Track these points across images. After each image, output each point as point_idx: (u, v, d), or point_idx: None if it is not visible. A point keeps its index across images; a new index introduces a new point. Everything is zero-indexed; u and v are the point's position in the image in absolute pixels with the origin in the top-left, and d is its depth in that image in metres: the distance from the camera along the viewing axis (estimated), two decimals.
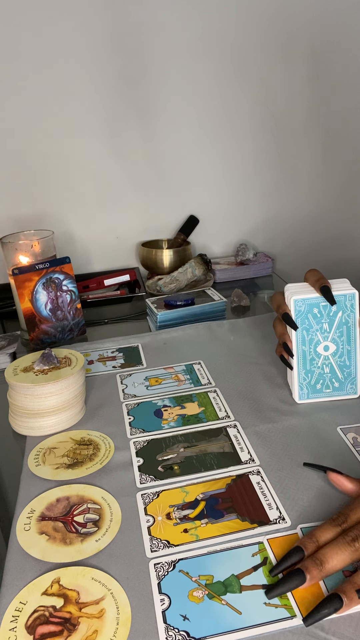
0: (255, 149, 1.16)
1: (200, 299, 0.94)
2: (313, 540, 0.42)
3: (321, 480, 0.51)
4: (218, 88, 1.09)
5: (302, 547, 0.41)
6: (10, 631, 0.38)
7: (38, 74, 1.00)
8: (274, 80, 1.11)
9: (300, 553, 0.41)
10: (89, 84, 1.03)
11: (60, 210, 1.11)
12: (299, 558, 0.41)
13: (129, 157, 1.10)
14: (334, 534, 0.42)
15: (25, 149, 1.05)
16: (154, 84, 1.06)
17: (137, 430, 0.62)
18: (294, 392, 0.64)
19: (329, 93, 1.14)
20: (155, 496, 0.51)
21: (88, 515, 0.49)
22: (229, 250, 1.24)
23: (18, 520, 0.49)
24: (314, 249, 1.27)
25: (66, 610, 0.40)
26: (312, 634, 0.37)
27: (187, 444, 0.58)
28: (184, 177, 1.15)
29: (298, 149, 1.18)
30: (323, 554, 0.40)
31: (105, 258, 1.17)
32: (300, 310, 0.61)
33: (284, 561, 0.41)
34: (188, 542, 0.45)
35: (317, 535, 0.42)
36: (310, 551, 0.41)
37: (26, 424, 0.62)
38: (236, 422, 0.62)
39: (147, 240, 1.17)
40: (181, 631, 0.38)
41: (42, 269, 0.82)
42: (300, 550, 0.41)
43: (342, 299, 0.60)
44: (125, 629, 0.38)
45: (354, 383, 0.63)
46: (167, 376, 0.73)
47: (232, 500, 0.49)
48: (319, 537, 0.42)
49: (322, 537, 0.42)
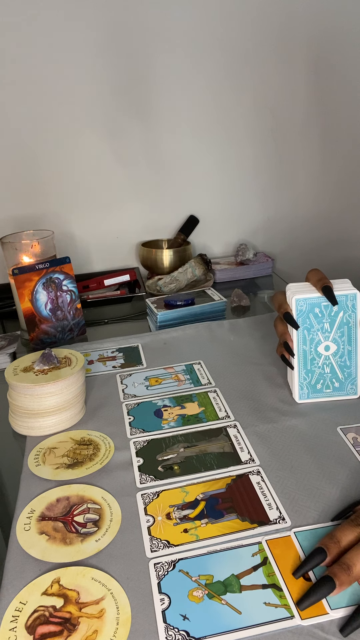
0: (255, 149, 1.16)
1: (200, 299, 0.94)
2: (334, 542, 0.41)
3: (321, 481, 0.51)
4: (218, 88, 1.09)
5: (325, 549, 0.41)
6: (10, 631, 0.38)
7: (38, 74, 1.00)
8: (273, 80, 1.11)
9: (322, 555, 0.40)
10: (89, 84, 1.03)
11: (60, 210, 1.11)
12: (322, 560, 0.40)
13: (129, 157, 1.10)
14: (356, 536, 0.41)
15: (25, 149, 1.05)
16: (154, 84, 1.06)
17: (137, 430, 0.62)
18: (294, 392, 0.64)
19: (328, 93, 1.14)
20: (155, 496, 0.51)
21: (88, 515, 0.49)
22: (229, 250, 1.24)
23: (18, 520, 0.49)
24: (314, 249, 1.27)
25: (66, 610, 0.40)
26: (312, 633, 0.37)
27: (187, 444, 0.58)
28: (184, 177, 1.15)
29: (298, 149, 1.18)
30: (349, 558, 0.39)
31: (105, 258, 1.17)
32: (301, 310, 0.61)
33: (307, 563, 0.41)
34: (188, 542, 0.45)
35: (338, 536, 0.41)
36: (334, 553, 0.40)
37: (26, 424, 0.62)
38: (236, 422, 0.62)
39: (147, 240, 1.17)
40: (181, 631, 0.38)
41: (42, 269, 0.82)
42: (322, 552, 0.40)
43: (343, 299, 0.60)
44: (125, 628, 0.38)
45: (354, 383, 0.63)
46: (167, 376, 0.73)
47: (232, 500, 0.49)
48: (340, 538, 0.41)
49: (343, 538, 0.41)
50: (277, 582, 0.41)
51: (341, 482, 0.51)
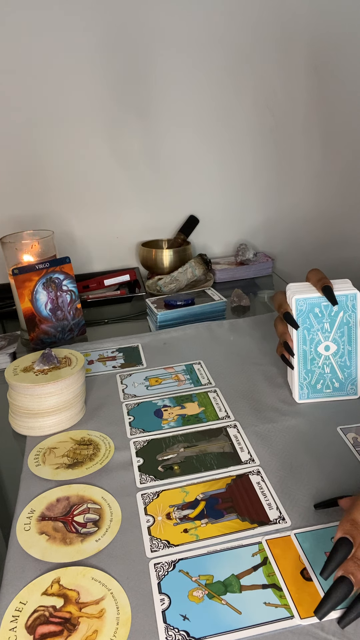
0: (255, 149, 1.16)
1: (200, 299, 0.94)
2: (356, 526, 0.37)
3: (321, 481, 0.51)
4: (218, 88, 1.09)
5: (350, 538, 0.37)
6: (10, 631, 0.38)
7: (38, 75, 1.00)
8: (273, 79, 1.11)
9: (348, 546, 0.37)
10: (89, 84, 1.03)
11: (60, 210, 1.11)
12: (349, 551, 0.37)
13: (130, 157, 1.10)
14: None
15: (25, 150, 1.05)
16: (154, 83, 1.06)
17: (137, 430, 0.62)
18: (294, 392, 0.64)
19: (328, 92, 1.14)
20: (155, 496, 0.51)
21: (88, 515, 0.49)
22: (229, 250, 1.23)
23: (18, 520, 0.49)
24: (314, 249, 1.27)
25: (66, 610, 0.40)
26: (312, 633, 0.37)
27: (187, 444, 0.58)
28: (184, 177, 1.15)
29: (298, 149, 1.18)
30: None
31: (105, 258, 1.17)
32: (301, 310, 0.61)
33: (333, 559, 0.37)
34: (188, 542, 0.45)
35: None
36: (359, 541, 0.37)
37: (26, 424, 0.62)
38: (236, 422, 0.62)
39: (147, 240, 1.17)
40: (181, 631, 0.38)
41: (42, 269, 0.82)
42: (348, 543, 0.37)
43: (343, 299, 0.61)
44: (125, 629, 0.38)
45: (354, 384, 0.63)
46: (167, 376, 0.73)
47: (232, 500, 0.49)
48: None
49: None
50: (277, 582, 0.41)
51: (341, 482, 0.51)
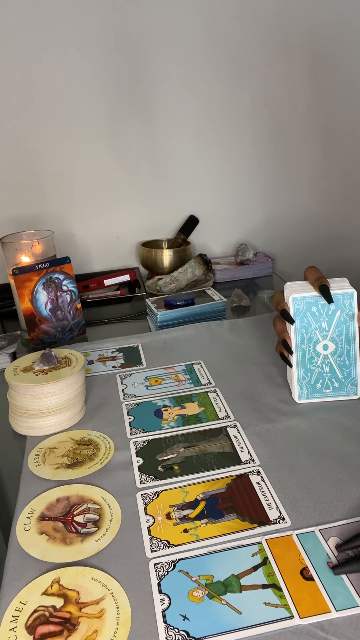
0: (255, 149, 1.16)
1: (200, 299, 0.94)
2: None
3: (321, 481, 0.51)
4: (218, 88, 1.09)
5: None
6: (10, 631, 0.38)
7: (38, 75, 1.00)
8: (274, 80, 1.11)
9: None
10: (89, 84, 1.03)
11: (60, 210, 1.11)
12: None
13: (130, 157, 1.10)
14: None
15: (25, 150, 1.05)
16: (155, 84, 1.06)
17: (137, 430, 0.62)
18: (293, 391, 0.64)
19: (328, 92, 1.14)
20: (155, 496, 0.51)
21: (88, 515, 0.49)
22: (229, 250, 1.23)
23: (18, 520, 0.49)
24: (314, 249, 1.27)
25: (66, 610, 0.40)
26: (312, 633, 0.37)
27: (187, 444, 0.58)
28: (184, 177, 1.15)
29: (298, 149, 1.18)
30: None
31: (105, 258, 1.17)
32: (298, 309, 0.61)
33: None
34: (188, 542, 0.45)
35: None
36: None
37: (26, 424, 0.62)
38: (236, 422, 0.62)
39: (147, 240, 1.17)
40: (181, 631, 0.38)
41: (42, 269, 0.82)
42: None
43: (340, 298, 0.60)
44: (125, 628, 0.38)
45: (354, 383, 0.63)
46: (167, 376, 0.73)
47: (232, 500, 0.49)
48: None
49: None
50: (277, 582, 0.41)
51: (341, 482, 0.51)
